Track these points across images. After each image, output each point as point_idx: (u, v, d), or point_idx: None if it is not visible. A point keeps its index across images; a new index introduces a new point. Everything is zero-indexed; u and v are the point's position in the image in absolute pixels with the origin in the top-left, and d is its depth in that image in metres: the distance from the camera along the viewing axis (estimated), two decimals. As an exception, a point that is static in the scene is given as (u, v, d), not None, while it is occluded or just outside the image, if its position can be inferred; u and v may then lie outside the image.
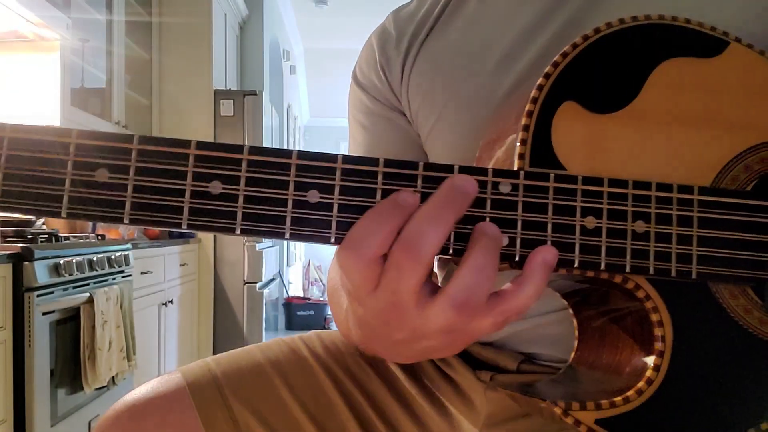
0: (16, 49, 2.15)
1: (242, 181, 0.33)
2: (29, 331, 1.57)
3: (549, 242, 0.35)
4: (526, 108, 0.37)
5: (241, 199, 0.33)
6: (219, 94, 3.27)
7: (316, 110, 7.59)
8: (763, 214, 0.37)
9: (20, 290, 1.56)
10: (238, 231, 0.33)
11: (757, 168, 0.38)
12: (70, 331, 1.77)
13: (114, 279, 2.04)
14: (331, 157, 0.34)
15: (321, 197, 0.33)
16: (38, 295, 1.60)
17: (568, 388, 0.41)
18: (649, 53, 0.38)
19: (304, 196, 0.33)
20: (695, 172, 0.38)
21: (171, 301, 2.74)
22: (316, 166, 0.33)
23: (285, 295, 4.93)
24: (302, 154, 0.33)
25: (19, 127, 0.33)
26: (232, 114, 3.26)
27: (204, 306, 3.24)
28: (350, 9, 4.75)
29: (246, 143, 2.99)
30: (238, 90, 3.50)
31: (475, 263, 0.32)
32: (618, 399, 0.36)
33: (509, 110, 0.42)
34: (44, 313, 1.62)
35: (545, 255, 0.34)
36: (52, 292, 1.66)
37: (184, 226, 0.33)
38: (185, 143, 0.33)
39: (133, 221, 0.33)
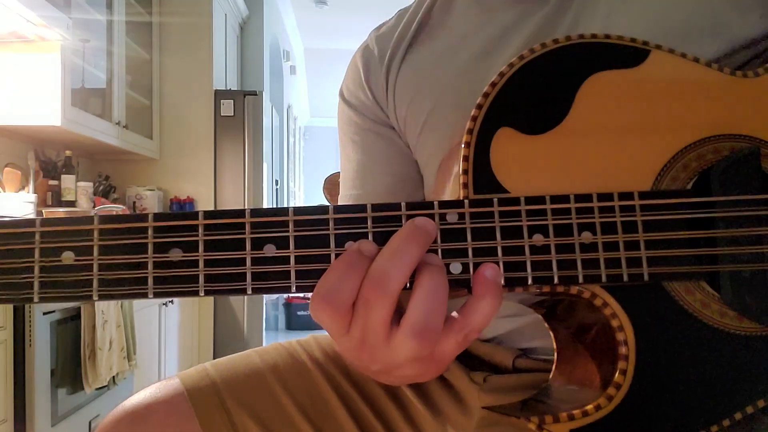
0: (17, 49, 2.15)
1: (201, 246, 0.35)
2: (30, 330, 1.57)
3: (501, 264, 0.36)
4: (464, 139, 0.38)
5: (201, 263, 0.35)
6: (219, 95, 3.27)
7: (317, 110, 7.60)
8: (706, 210, 0.38)
9: (21, 290, 1.56)
10: (201, 293, 0.35)
11: (695, 165, 0.39)
12: (71, 330, 1.77)
13: (114, 279, 2.03)
14: (282, 211, 0.36)
15: (277, 251, 0.35)
16: (39, 295, 1.60)
17: (546, 404, 0.42)
18: (574, 71, 0.39)
19: (261, 251, 0.35)
20: (635, 178, 0.39)
21: (171, 301, 2.74)
22: (269, 222, 0.35)
23: (285, 295, 4.93)
24: (255, 212, 0.36)
25: None
26: (232, 114, 3.26)
27: (204, 305, 3.24)
28: (350, 9, 4.75)
29: (246, 144, 2.98)
30: (239, 90, 3.50)
31: (425, 290, 0.34)
32: (589, 407, 0.37)
33: (454, 145, 0.43)
34: (45, 313, 1.62)
35: (486, 271, 0.35)
36: (52, 292, 1.66)
37: (150, 296, 0.35)
38: (143, 217, 0.35)
39: (102, 297, 0.35)
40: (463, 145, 0.38)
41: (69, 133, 2.33)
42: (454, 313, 0.36)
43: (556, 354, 0.44)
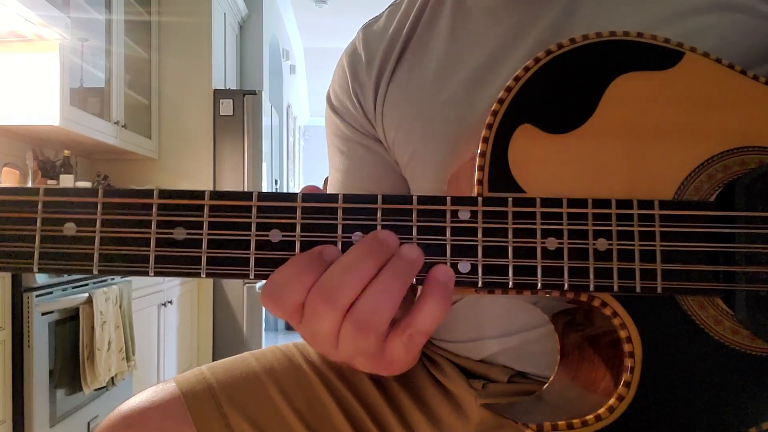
0: (16, 49, 2.15)
1: (205, 226, 0.34)
2: (28, 331, 1.57)
3: (510, 267, 0.35)
4: (482, 134, 0.37)
5: (204, 244, 0.34)
6: (218, 94, 3.27)
7: (316, 110, 7.59)
8: (728, 225, 0.37)
9: (19, 290, 1.56)
10: (203, 275, 0.34)
11: (720, 177, 0.38)
12: (69, 331, 1.77)
13: (113, 279, 2.04)
14: (291, 196, 0.35)
15: (283, 237, 0.34)
16: (37, 296, 1.60)
17: (545, 409, 0.41)
18: (603, 70, 0.38)
19: (267, 236, 0.34)
20: (657, 185, 0.37)
21: (170, 302, 2.74)
22: (276, 207, 0.34)
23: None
24: (262, 196, 0.34)
25: None
26: (231, 114, 3.26)
27: (203, 306, 3.23)
28: (350, 8, 4.75)
29: (245, 143, 2.97)
30: (238, 90, 3.50)
31: (380, 285, 0.33)
32: (590, 417, 0.36)
33: (470, 139, 0.42)
34: (43, 314, 1.62)
35: (437, 273, 0.34)
36: (51, 293, 1.66)
37: (152, 274, 0.34)
38: (147, 193, 0.34)
39: (102, 272, 0.34)
40: (480, 140, 0.37)
41: (67, 132, 2.33)
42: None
43: (559, 357, 0.44)
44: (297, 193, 0.35)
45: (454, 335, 0.60)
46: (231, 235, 0.34)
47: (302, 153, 7.13)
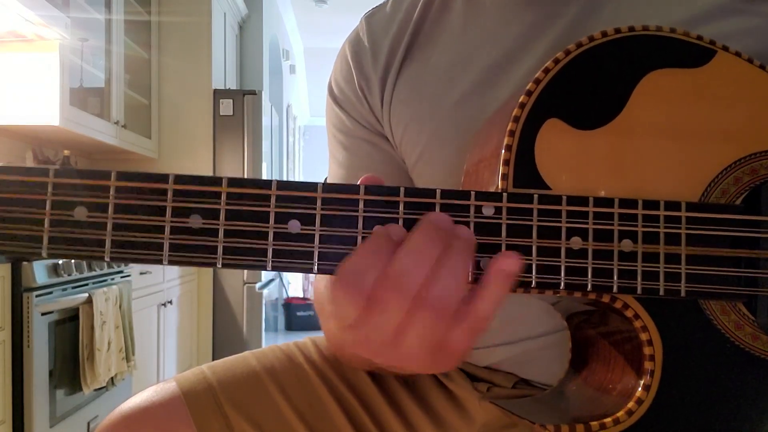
0: (16, 49, 2.15)
1: (222, 215, 0.33)
2: (28, 331, 1.56)
3: (534, 265, 0.34)
4: (508, 127, 0.36)
5: (221, 233, 0.33)
6: (218, 94, 3.26)
7: (316, 110, 7.59)
8: (754, 229, 0.36)
9: (19, 290, 1.56)
10: (219, 265, 0.33)
11: (747, 180, 0.37)
12: (69, 331, 1.76)
13: (113, 279, 2.03)
14: (311, 186, 0.33)
15: (302, 228, 0.33)
16: (37, 296, 1.59)
17: (558, 408, 0.40)
18: (634, 65, 0.37)
19: (285, 227, 0.33)
20: (684, 186, 0.37)
21: (170, 302, 2.74)
22: (295, 197, 0.33)
23: (285, 296, 4.92)
24: (282, 185, 0.33)
25: None
26: (231, 114, 3.25)
27: (203, 306, 3.23)
28: (350, 8, 4.75)
29: (245, 143, 2.96)
30: (238, 89, 3.49)
31: (449, 267, 0.32)
32: (608, 420, 0.35)
33: (491, 131, 0.41)
34: (43, 314, 1.62)
35: (500, 264, 0.33)
36: (50, 293, 1.66)
37: (165, 262, 0.32)
38: (163, 177, 0.33)
39: (114, 259, 0.33)
40: (506, 134, 0.36)
41: (67, 132, 2.32)
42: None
43: (570, 357, 0.43)
44: (317, 183, 0.33)
45: None
46: (249, 226, 0.33)
47: (302, 153, 7.12)
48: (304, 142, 7.28)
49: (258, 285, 3.29)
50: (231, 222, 0.33)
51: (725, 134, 0.37)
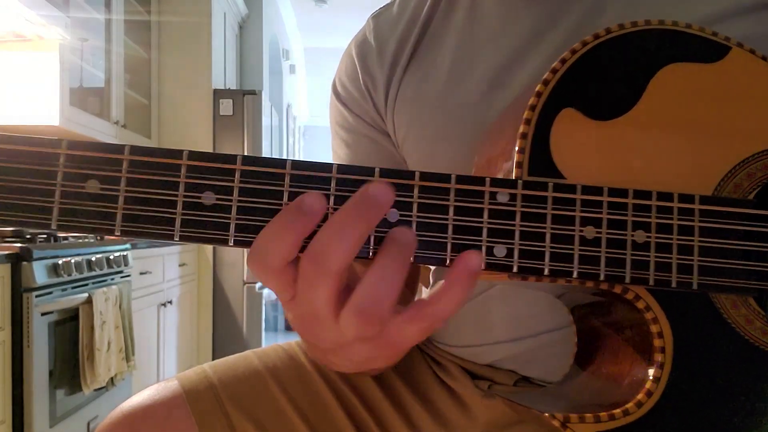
0: (16, 49, 2.15)
1: (235, 192, 0.33)
2: (28, 331, 1.56)
3: (547, 253, 0.34)
4: (524, 116, 0.36)
5: (234, 210, 0.32)
6: (218, 94, 3.26)
7: (316, 110, 7.59)
8: (766, 224, 0.36)
9: (19, 291, 1.56)
10: (231, 242, 0.32)
11: (761, 175, 0.37)
12: (69, 331, 1.76)
13: (113, 279, 2.03)
14: (326, 167, 0.33)
15: None
16: (37, 296, 1.59)
17: (565, 399, 0.40)
18: (650, 59, 0.37)
19: None
20: (697, 180, 0.37)
21: (170, 302, 2.74)
22: (309, 176, 0.33)
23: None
24: (296, 164, 0.33)
25: (8, 138, 0.32)
26: (231, 114, 3.25)
27: (203, 307, 3.23)
28: (350, 7, 4.74)
29: (245, 143, 2.96)
30: (238, 89, 3.49)
31: (379, 272, 0.31)
32: (617, 411, 0.35)
33: (504, 123, 0.41)
34: (43, 314, 1.62)
35: (468, 261, 0.32)
36: (50, 293, 1.66)
37: (176, 238, 0.32)
38: (177, 153, 0.33)
39: (124, 233, 0.32)
40: (522, 123, 0.36)
41: (67, 132, 2.32)
42: (425, 294, 0.34)
43: (576, 348, 0.43)
44: (332, 164, 0.33)
45: (460, 340, 0.60)
46: (261, 203, 0.32)
47: (302, 153, 7.12)
48: (304, 142, 7.28)
49: (258, 285, 3.29)
50: (244, 200, 0.33)
51: (739, 129, 0.38)
